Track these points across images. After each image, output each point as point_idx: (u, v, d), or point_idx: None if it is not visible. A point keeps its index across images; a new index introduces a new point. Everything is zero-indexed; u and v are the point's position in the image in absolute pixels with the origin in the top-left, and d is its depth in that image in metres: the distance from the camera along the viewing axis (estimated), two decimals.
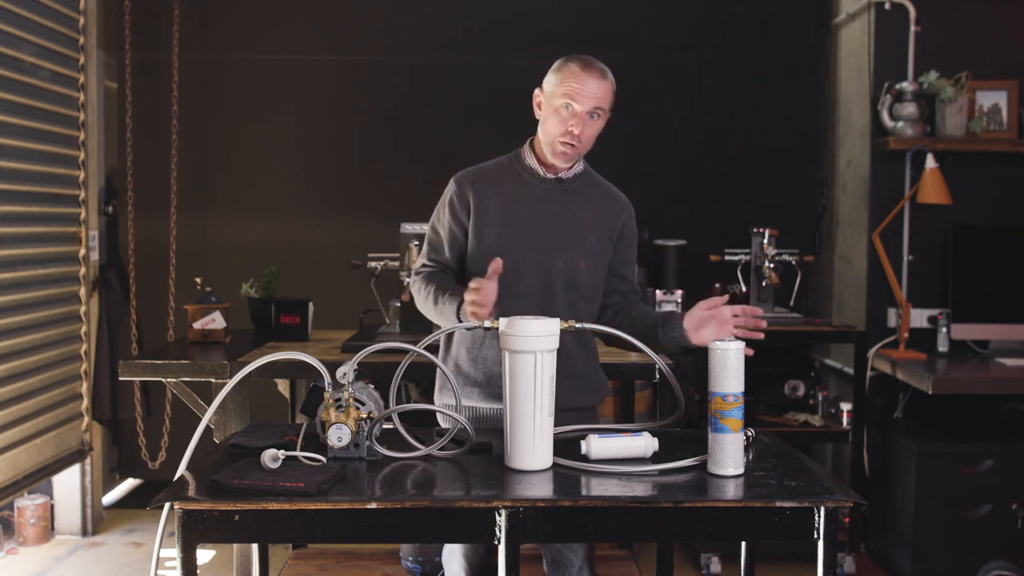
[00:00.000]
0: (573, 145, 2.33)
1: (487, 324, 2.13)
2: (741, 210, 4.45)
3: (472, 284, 2.18)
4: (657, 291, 4.04)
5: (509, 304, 2.32)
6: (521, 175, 2.43)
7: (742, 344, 1.97)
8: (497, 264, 2.18)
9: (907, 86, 3.83)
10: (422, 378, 3.58)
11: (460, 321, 2.28)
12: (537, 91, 2.42)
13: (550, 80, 2.38)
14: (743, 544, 2.31)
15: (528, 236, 2.38)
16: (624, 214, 2.48)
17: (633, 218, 2.53)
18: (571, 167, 2.44)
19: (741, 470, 1.93)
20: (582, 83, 2.31)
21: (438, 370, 2.52)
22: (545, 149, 2.40)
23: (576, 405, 2.41)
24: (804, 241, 4.42)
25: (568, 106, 2.31)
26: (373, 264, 3.45)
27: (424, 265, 2.48)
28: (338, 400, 2.02)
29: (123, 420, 4.47)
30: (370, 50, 4.58)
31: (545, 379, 1.97)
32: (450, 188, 2.46)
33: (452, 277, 2.46)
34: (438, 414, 2.41)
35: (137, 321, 4.55)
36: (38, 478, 3.83)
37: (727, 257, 3.94)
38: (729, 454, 1.93)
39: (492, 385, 2.39)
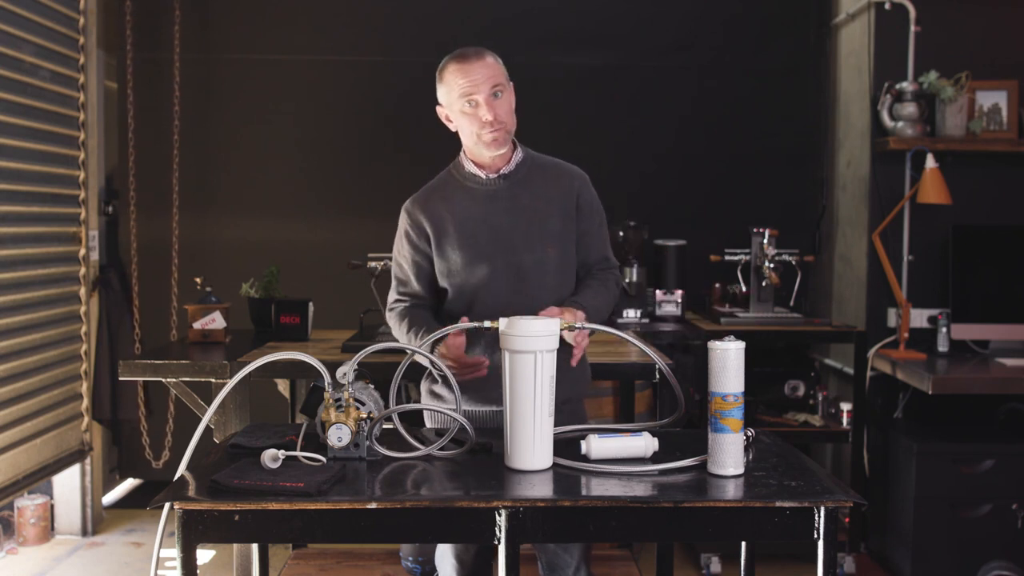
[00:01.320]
0: (497, 129, 2.32)
1: (487, 324, 2.14)
2: (741, 210, 4.45)
3: (440, 349, 2.26)
4: (657, 291, 4.05)
5: (493, 310, 2.28)
6: (465, 184, 2.43)
7: (742, 344, 1.97)
8: (466, 354, 2.29)
9: (907, 86, 3.83)
10: (422, 378, 3.57)
11: (433, 364, 2.31)
12: (439, 108, 2.42)
13: (441, 92, 2.39)
14: (743, 544, 2.31)
15: (490, 241, 2.38)
16: (576, 184, 2.45)
17: (588, 185, 2.48)
18: (509, 159, 2.41)
19: (741, 470, 1.94)
20: (467, 75, 2.31)
21: (424, 376, 2.52)
22: (476, 151, 2.39)
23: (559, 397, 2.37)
24: (804, 241, 4.42)
25: (470, 102, 2.31)
26: (373, 264, 3.45)
27: (397, 300, 2.48)
28: (338, 400, 2.02)
29: (124, 420, 4.47)
30: (370, 50, 4.58)
31: (545, 379, 1.97)
32: (403, 220, 2.46)
33: (425, 306, 2.47)
34: (425, 413, 2.41)
35: (139, 321, 4.55)
36: (38, 478, 3.83)
37: (727, 257, 3.94)
38: (729, 454, 1.93)
39: (480, 388, 2.37)
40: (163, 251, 4.57)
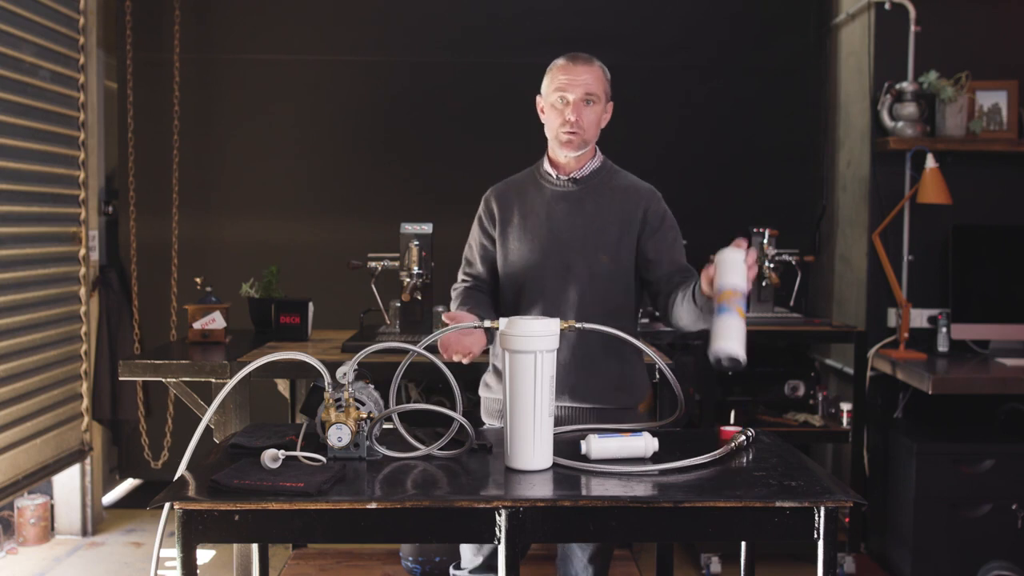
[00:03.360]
0: (575, 132, 2.42)
1: (487, 323, 2.14)
2: (741, 210, 4.45)
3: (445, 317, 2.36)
4: None
5: (535, 306, 2.44)
6: (539, 181, 2.54)
7: (742, 252, 2.05)
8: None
9: (907, 86, 3.83)
10: (422, 378, 3.58)
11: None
12: (538, 98, 2.53)
13: (544, 83, 2.50)
14: (743, 544, 2.31)
15: (546, 239, 2.46)
16: (643, 201, 2.50)
17: (658, 201, 2.53)
18: (583, 164, 2.50)
19: (744, 355, 1.96)
20: (569, 74, 2.42)
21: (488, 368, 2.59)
22: (553, 146, 2.49)
23: (605, 404, 2.44)
24: (804, 241, 4.42)
25: (562, 98, 2.42)
26: (373, 264, 3.45)
27: (462, 280, 2.64)
28: (338, 400, 2.02)
29: (124, 420, 4.47)
30: (370, 50, 4.58)
31: (545, 379, 1.97)
32: (481, 205, 2.60)
33: (486, 290, 2.59)
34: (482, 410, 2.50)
35: (139, 321, 4.55)
36: (38, 478, 3.83)
37: None
38: (734, 330, 1.97)
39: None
40: (163, 251, 4.57)
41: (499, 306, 2.57)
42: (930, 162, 3.76)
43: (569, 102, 2.41)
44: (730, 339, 1.99)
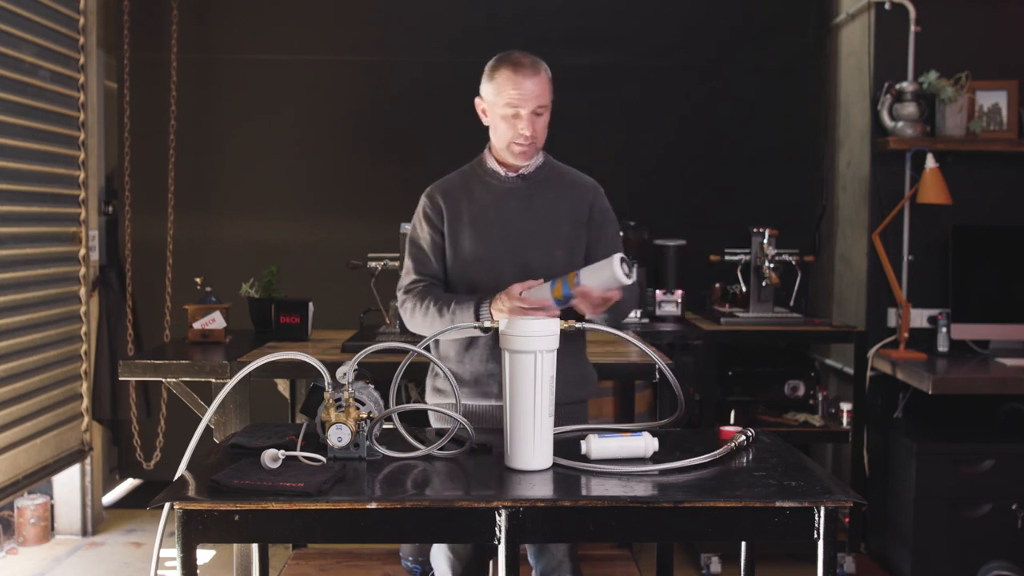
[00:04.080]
0: (530, 144, 2.41)
1: (487, 324, 2.14)
2: (741, 210, 4.45)
3: (516, 288, 2.27)
4: (657, 291, 4.04)
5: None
6: (485, 179, 2.50)
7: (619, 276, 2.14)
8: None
9: (907, 86, 3.83)
10: (422, 378, 3.57)
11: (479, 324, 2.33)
12: (478, 99, 2.48)
13: (487, 89, 2.44)
14: (743, 544, 2.31)
15: (500, 237, 2.44)
16: (590, 195, 2.52)
17: (601, 197, 2.56)
18: (530, 162, 2.49)
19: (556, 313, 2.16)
20: (519, 87, 2.37)
21: (429, 371, 2.54)
22: (503, 153, 2.46)
23: (559, 399, 2.39)
24: (804, 241, 4.42)
25: (515, 113, 2.38)
26: (373, 264, 3.45)
27: (414, 281, 2.49)
28: (338, 400, 2.02)
29: (124, 420, 4.47)
30: (370, 50, 4.58)
31: (545, 379, 1.97)
32: (422, 202, 2.52)
33: (442, 287, 2.50)
34: (430, 413, 2.42)
35: (134, 321, 4.54)
36: (38, 478, 3.83)
37: (727, 257, 3.94)
38: (535, 293, 2.20)
39: (480, 384, 2.43)
40: (159, 251, 4.57)
41: None
42: (930, 162, 3.76)
43: (522, 116, 2.38)
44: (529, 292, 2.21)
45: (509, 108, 2.38)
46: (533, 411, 1.96)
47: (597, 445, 2.02)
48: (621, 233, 4.16)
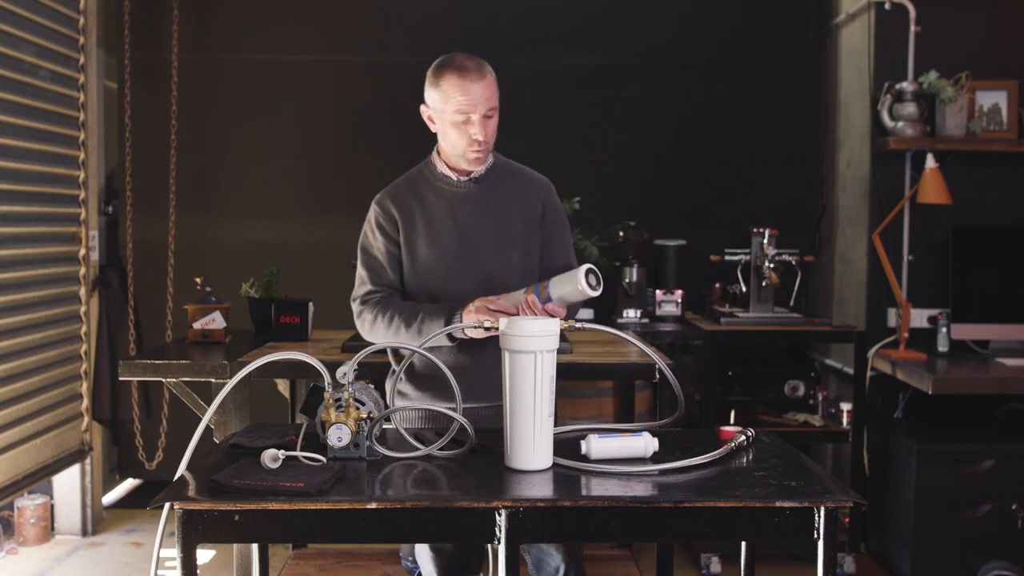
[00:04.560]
0: (483, 149, 2.38)
1: (487, 324, 2.14)
2: (741, 210, 4.45)
3: (478, 303, 2.25)
4: (657, 291, 4.05)
5: None
6: (435, 184, 2.48)
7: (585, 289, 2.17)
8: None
9: (907, 86, 3.83)
10: None
11: (450, 336, 2.32)
12: (423, 107, 2.46)
13: (433, 96, 2.41)
14: (743, 544, 2.31)
15: (456, 241, 2.42)
16: (542, 193, 2.50)
17: (553, 194, 2.53)
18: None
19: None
20: (467, 93, 2.32)
21: (389, 374, 2.51)
22: (456, 160, 2.43)
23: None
24: (804, 241, 4.42)
25: (465, 119, 2.34)
26: None
27: (369, 293, 2.45)
28: (338, 400, 2.02)
29: (125, 420, 4.47)
30: (370, 50, 4.58)
31: (545, 379, 1.97)
32: (373, 211, 2.50)
33: (399, 297, 2.46)
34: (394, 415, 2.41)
35: (135, 321, 4.54)
36: (38, 478, 3.83)
37: (727, 257, 3.94)
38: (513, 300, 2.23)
39: (472, 386, 2.37)
40: (160, 251, 4.57)
41: None
42: (930, 162, 3.76)
43: (473, 121, 2.34)
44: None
45: (459, 115, 2.34)
46: (533, 411, 1.96)
47: (597, 445, 2.02)
48: (621, 233, 4.21)
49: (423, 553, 2.57)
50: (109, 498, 4.63)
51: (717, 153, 4.60)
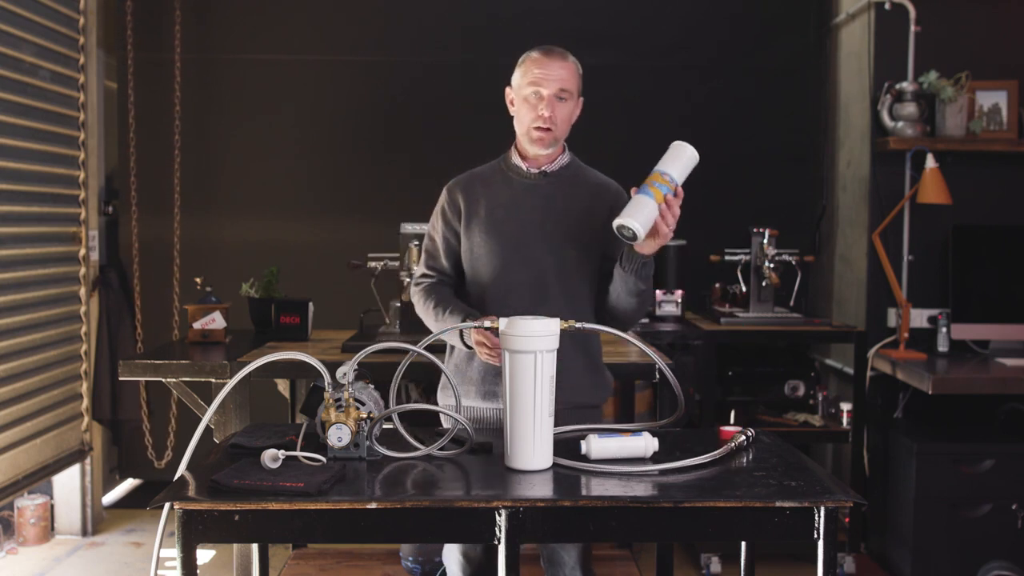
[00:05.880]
0: (547, 128, 2.39)
1: (487, 324, 2.14)
2: (741, 210, 4.45)
3: (478, 337, 2.29)
4: (657, 291, 4.04)
5: (505, 300, 2.39)
6: (508, 174, 2.50)
7: (696, 153, 2.32)
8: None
9: (907, 86, 3.83)
10: (422, 378, 3.58)
11: (462, 338, 2.38)
12: (508, 89, 2.49)
13: (516, 75, 2.46)
14: (743, 544, 2.31)
15: (515, 233, 2.43)
16: (611, 199, 2.51)
17: (623, 200, 2.50)
18: (554, 159, 2.48)
19: (640, 229, 2.15)
20: (544, 68, 2.38)
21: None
22: (522, 140, 2.46)
23: (573, 403, 2.40)
24: (804, 241, 4.42)
25: (535, 93, 2.38)
26: (373, 264, 3.45)
27: (424, 275, 2.56)
28: (338, 400, 2.02)
29: (126, 420, 4.46)
30: (370, 50, 4.58)
31: (545, 379, 1.97)
32: (442, 196, 2.54)
33: (450, 284, 2.53)
34: (440, 414, 2.42)
35: (140, 321, 4.55)
36: (38, 478, 3.83)
37: (727, 257, 3.94)
38: (641, 211, 2.17)
39: (487, 383, 2.43)
40: (164, 251, 4.57)
41: (464, 300, 2.50)
42: (930, 162, 3.76)
43: (543, 97, 2.37)
44: (630, 216, 2.17)
45: (531, 88, 2.37)
46: (533, 411, 1.96)
47: (597, 445, 2.02)
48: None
49: (450, 554, 2.57)
50: (109, 498, 4.63)
51: (717, 153, 4.56)
